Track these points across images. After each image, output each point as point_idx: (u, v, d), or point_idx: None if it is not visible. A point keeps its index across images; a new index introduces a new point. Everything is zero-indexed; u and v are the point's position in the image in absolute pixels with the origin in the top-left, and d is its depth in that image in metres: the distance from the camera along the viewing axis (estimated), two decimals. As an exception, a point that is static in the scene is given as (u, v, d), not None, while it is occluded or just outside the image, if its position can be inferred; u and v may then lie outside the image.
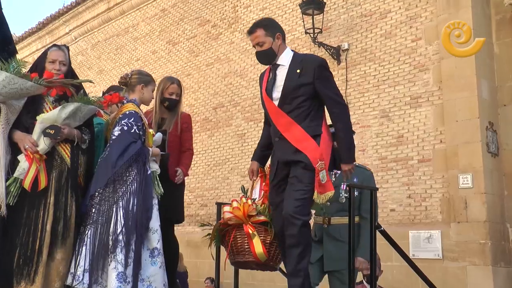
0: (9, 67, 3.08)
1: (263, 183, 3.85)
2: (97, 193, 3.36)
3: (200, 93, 11.03)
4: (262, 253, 3.59)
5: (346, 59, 8.50)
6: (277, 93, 3.53)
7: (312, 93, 3.46)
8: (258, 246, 3.58)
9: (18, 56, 3.70)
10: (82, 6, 14.17)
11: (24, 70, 3.16)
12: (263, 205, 3.74)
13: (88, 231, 3.30)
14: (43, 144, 3.22)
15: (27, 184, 3.15)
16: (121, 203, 3.31)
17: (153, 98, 3.90)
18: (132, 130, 3.49)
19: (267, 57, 3.58)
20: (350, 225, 4.81)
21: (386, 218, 7.71)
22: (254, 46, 3.62)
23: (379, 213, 7.26)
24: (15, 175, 3.16)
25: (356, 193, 4.11)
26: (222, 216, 3.85)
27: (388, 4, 8.15)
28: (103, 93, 4.36)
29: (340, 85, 8.40)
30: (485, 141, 7.10)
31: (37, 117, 3.28)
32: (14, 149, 3.25)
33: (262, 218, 3.67)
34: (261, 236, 3.62)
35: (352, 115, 8.19)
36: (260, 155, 3.88)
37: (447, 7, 7.43)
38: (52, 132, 3.22)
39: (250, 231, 3.60)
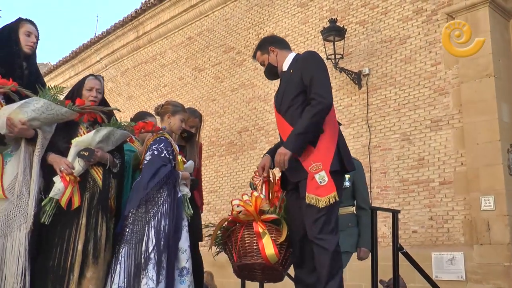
0: (47, 94, 3.19)
1: (269, 187, 3.57)
2: (130, 214, 3.44)
3: (225, 118, 11.13)
4: (273, 254, 3.21)
5: (367, 84, 8.53)
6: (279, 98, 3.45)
7: (303, 88, 3.25)
8: (268, 246, 3.21)
9: (54, 83, 3.80)
10: (112, 35, 14.50)
11: (61, 96, 3.27)
12: (273, 206, 3.45)
13: (122, 249, 3.37)
14: (78, 166, 3.31)
15: (63, 202, 3.23)
16: (152, 223, 3.37)
17: (182, 127, 3.97)
18: (162, 155, 3.58)
19: (269, 72, 3.60)
20: (373, 249, 4.79)
21: (408, 239, 7.64)
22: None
23: (401, 234, 7.21)
24: (50, 195, 3.23)
25: (348, 184, 4.00)
26: (231, 211, 3.49)
27: (407, 30, 8.18)
28: (131, 119, 4.46)
29: (362, 109, 8.44)
30: (506, 164, 7.02)
31: (72, 141, 3.37)
32: (49, 171, 3.33)
33: (273, 216, 3.33)
34: (272, 236, 3.27)
35: (373, 138, 8.23)
36: (275, 151, 3.58)
37: (466, 32, 7.42)
38: (86, 154, 3.31)
39: (261, 229, 3.25)
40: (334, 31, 8.58)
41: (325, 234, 3.07)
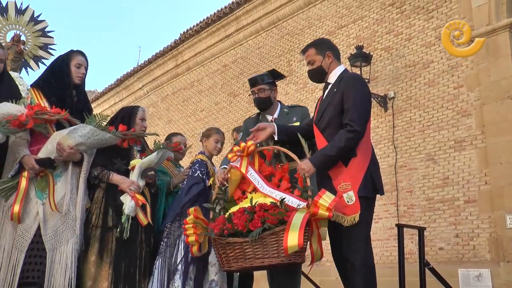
0: (92, 121, 3.33)
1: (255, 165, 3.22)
2: (166, 228, 3.58)
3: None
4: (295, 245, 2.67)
5: (392, 107, 8.52)
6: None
7: (341, 110, 3.15)
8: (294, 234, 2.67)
9: (99, 110, 3.98)
10: (153, 64, 14.84)
11: (105, 122, 3.40)
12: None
13: (157, 261, 3.51)
14: (141, 184, 3.49)
15: (144, 219, 3.41)
16: (183, 236, 3.48)
17: (218, 147, 4.14)
18: (196, 174, 3.81)
19: (317, 74, 3.37)
20: (400, 265, 4.76)
21: (435, 256, 7.52)
22: (307, 65, 3.43)
23: (428, 251, 7.12)
24: (126, 212, 3.38)
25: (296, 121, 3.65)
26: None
27: (430, 55, 8.16)
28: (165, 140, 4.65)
29: (388, 130, 8.42)
30: (530, 182, 6.88)
31: (131, 162, 3.54)
32: (115, 190, 3.47)
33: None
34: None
35: (399, 158, 8.19)
36: (286, 128, 3.46)
37: (487, 56, 7.38)
38: (152, 173, 3.54)
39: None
40: (360, 57, 8.64)
41: (358, 254, 2.99)
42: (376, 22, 9.09)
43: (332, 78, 3.31)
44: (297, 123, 3.62)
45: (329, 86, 3.32)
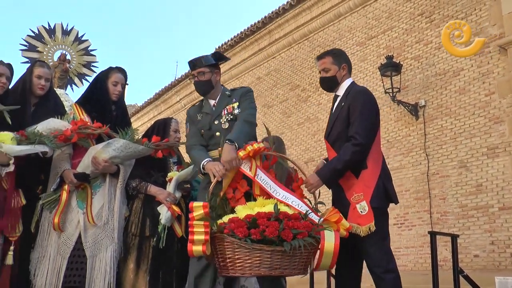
0: (126, 135, 3.43)
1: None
2: None
3: (293, 149, 11.24)
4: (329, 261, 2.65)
5: (423, 115, 8.41)
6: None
7: (348, 123, 3.14)
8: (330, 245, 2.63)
9: (139, 124, 4.07)
10: (190, 78, 15.05)
11: (137, 136, 3.48)
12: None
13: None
14: (177, 196, 3.56)
15: (179, 231, 3.49)
16: None
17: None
18: None
19: (329, 83, 3.34)
20: (433, 272, 4.68)
21: (470, 263, 7.34)
22: (320, 72, 3.40)
23: (462, 258, 6.97)
24: (163, 222, 3.44)
25: (237, 111, 3.35)
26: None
27: (460, 63, 8.03)
28: None
29: (419, 138, 8.31)
30: None
31: (169, 175, 3.62)
32: (153, 201, 3.54)
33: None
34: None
35: (432, 166, 8.07)
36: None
37: (519, 63, 7.22)
38: (188, 186, 3.61)
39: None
40: (391, 67, 8.58)
41: (383, 264, 2.98)
42: (405, 32, 9.02)
43: (341, 90, 3.32)
44: (236, 104, 3.35)
45: (338, 99, 3.33)
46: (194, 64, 3.42)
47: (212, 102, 3.44)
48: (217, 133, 3.30)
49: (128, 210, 3.57)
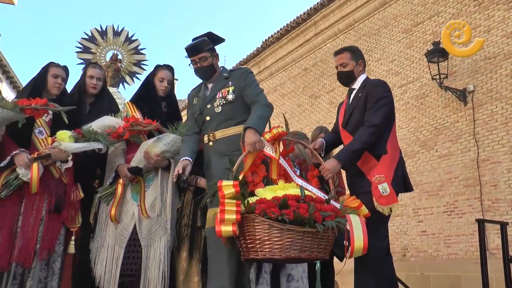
0: (176, 130, 3.55)
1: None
2: None
3: (339, 139, 11.16)
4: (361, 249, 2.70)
5: (472, 100, 8.16)
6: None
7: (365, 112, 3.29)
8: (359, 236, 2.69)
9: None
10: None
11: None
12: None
13: None
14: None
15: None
16: None
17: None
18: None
19: (347, 77, 3.47)
20: (482, 261, 4.61)
21: (526, 251, 7.10)
22: (336, 67, 3.52)
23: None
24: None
25: (231, 97, 3.22)
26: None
27: (511, 46, 7.73)
28: None
29: (468, 124, 8.09)
30: None
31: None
32: (203, 193, 3.61)
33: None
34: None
35: (482, 152, 7.85)
36: (332, 137, 3.58)
37: None
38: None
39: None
40: (438, 53, 8.36)
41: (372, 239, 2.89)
42: (452, 17, 8.74)
43: (357, 84, 3.44)
44: (231, 88, 3.26)
45: (354, 92, 3.44)
46: (195, 49, 3.27)
47: (210, 85, 3.37)
48: (207, 118, 3.24)
49: (180, 202, 3.68)
